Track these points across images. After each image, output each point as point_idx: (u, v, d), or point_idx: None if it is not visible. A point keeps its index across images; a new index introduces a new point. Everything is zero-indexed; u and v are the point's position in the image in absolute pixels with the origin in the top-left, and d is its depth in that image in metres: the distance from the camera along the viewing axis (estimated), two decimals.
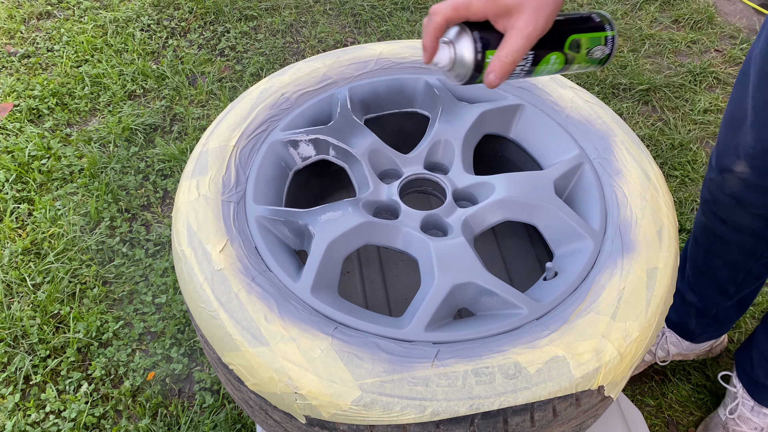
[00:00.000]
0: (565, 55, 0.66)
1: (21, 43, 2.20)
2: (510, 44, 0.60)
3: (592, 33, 0.67)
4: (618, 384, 0.66)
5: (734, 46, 2.25)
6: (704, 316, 1.29)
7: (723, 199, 1.05)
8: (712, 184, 1.07)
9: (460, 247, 0.73)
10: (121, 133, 1.88)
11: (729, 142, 0.99)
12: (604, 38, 0.68)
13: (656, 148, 1.91)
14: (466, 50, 0.62)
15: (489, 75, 0.62)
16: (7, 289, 1.52)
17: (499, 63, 0.61)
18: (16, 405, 1.34)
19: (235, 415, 1.32)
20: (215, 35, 2.26)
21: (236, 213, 0.76)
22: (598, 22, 0.68)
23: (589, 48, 0.67)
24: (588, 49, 0.67)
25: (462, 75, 0.64)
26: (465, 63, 0.63)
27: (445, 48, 0.63)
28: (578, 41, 0.66)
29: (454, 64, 0.64)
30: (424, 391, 0.61)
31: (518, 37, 0.60)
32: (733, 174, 0.99)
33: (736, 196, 1.02)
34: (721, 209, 1.07)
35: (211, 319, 0.67)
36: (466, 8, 0.61)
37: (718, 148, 1.04)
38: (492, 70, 0.61)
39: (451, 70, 0.64)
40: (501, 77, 0.61)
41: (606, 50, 0.69)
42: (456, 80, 0.66)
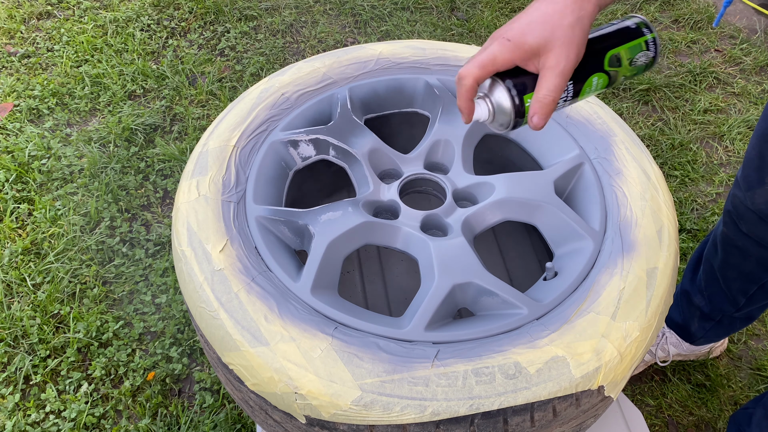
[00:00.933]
0: (608, 73, 0.64)
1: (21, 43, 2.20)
2: (546, 85, 0.59)
3: (629, 43, 0.65)
4: (618, 384, 0.66)
5: (734, 46, 2.25)
6: (708, 321, 1.28)
7: (747, 214, 1.04)
8: (736, 199, 1.06)
9: (460, 247, 0.73)
10: (121, 133, 1.88)
11: (763, 156, 0.96)
12: (644, 43, 0.65)
13: (656, 148, 1.91)
14: (503, 101, 0.62)
15: (533, 119, 0.61)
16: (7, 289, 1.52)
17: (539, 105, 0.60)
18: (16, 405, 1.34)
19: (235, 415, 1.32)
20: (215, 35, 2.26)
21: (236, 213, 0.76)
22: (634, 30, 0.65)
23: (630, 58, 0.65)
24: (630, 60, 0.65)
25: (505, 123, 0.63)
26: (505, 111, 0.62)
27: (482, 104, 0.63)
28: (618, 56, 0.64)
29: (494, 115, 0.63)
30: (424, 391, 0.61)
31: (552, 76, 0.59)
32: (765, 188, 0.97)
33: (761, 213, 1.01)
34: (744, 223, 1.06)
35: (211, 319, 0.67)
36: (493, 63, 0.60)
37: (745, 167, 1.02)
38: (534, 113, 0.61)
39: (494, 121, 0.64)
40: (544, 118, 0.61)
41: (650, 54, 0.66)
42: (500, 129, 0.65)
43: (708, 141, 1.94)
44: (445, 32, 2.27)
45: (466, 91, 0.61)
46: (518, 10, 2.40)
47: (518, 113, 0.62)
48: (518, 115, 0.62)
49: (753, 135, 0.99)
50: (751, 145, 1.00)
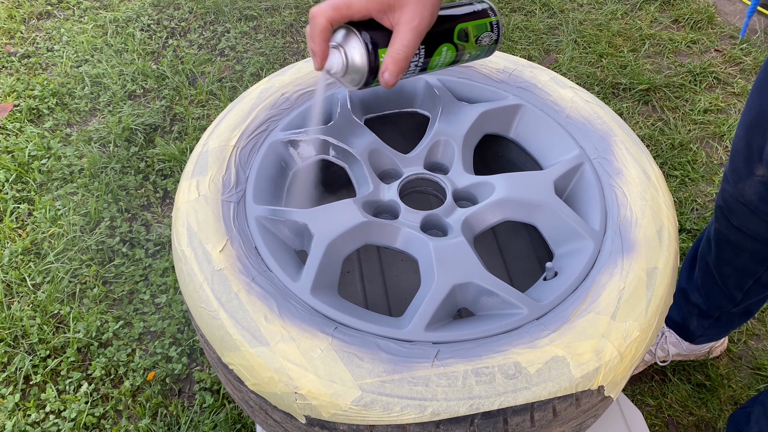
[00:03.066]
0: (456, 46, 0.66)
1: (21, 43, 2.20)
2: (400, 39, 0.59)
3: (477, 20, 0.68)
4: (618, 384, 0.66)
5: (734, 46, 2.25)
6: (706, 318, 1.28)
7: (737, 207, 1.04)
8: (726, 194, 1.06)
9: (460, 247, 0.73)
10: (121, 133, 1.88)
11: (750, 147, 0.97)
12: (489, 24, 0.69)
13: (656, 148, 1.91)
14: (356, 53, 0.60)
15: (384, 75, 0.60)
16: (7, 289, 1.52)
17: (392, 60, 0.59)
18: (16, 405, 1.34)
19: (235, 415, 1.32)
20: (215, 35, 2.26)
21: (236, 213, 0.76)
22: (481, 10, 0.69)
23: (477, 35, 0.68)
24: (476, 37, 0.68)
25: (357, 80, 0.62)
26: (358, 67, 0.61)
27: (335, 53, 0.61)
28: (466, 30, 0.67)
29: (347, 69, 0.62)
30: (424, 391, 0.61)
31: (407, 30, 0.59)
32: (754, 179, 0.98)
33: (751, 205, 1.01)
34: (735, 217, 1.06)
35: (211, 319, 0.67)
36: (348, 7, 0.59)
37: (733, 159, 1.02)
38: (386, 68, 0.60)
39: (345, 75, 0.63)
40: (396, 75, 0.60)
41: (493, 36, 0.70)
42: (352, 86, 0.64)
43: (708, 141, 1.94)
44: None
45: (319, 31, 0.59)
46: (518, 10, 2.40)
47: (372, 69, 0.61)
48: (371, 72, 0.61)
49: (738, 126, 0.99)
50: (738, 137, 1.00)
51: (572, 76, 2.11)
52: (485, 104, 0.89)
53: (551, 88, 0.92)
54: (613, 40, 2.26)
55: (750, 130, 0.96)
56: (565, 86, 0.92)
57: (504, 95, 0.91)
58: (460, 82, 0.92)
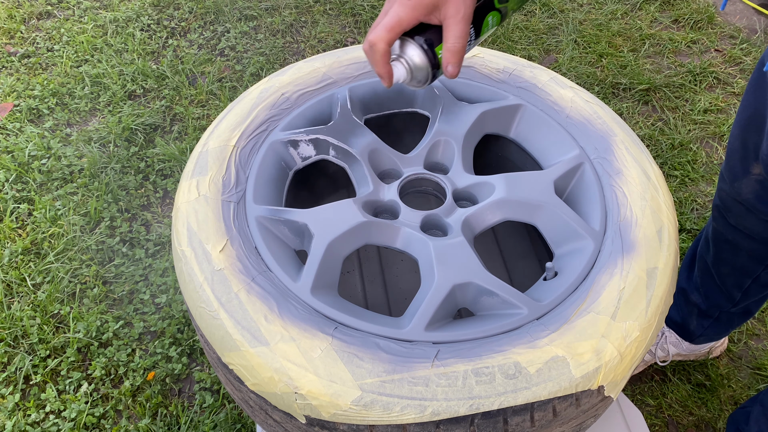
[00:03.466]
0: (499, 10, 0.69)
1: (21, 43, 2.20)
2: (453, 33, 0.63)
3: None
4: (618, 384, 0.66)
5: (734, 46, 2.25)
6: (706, 318, 1.28)
7: (734, 206, 1.04)
8: (723, 193, 1.06)
9: (460, 247, 0.73)
10: (121, 133, 1.88)
11: (746, 145, 0.97)
12: None
13: (656, 148, 1.91)
14: (417, 57, 0.65)
15: (447, 68, 0.65)
16: (7, 289, 1.52)
17: (451, 54, 0.64)
18: (16, 405, 1.34)
19: (235, 415, 1.32)
20: (215, 35, 2.26)
21: (236, 213, 0.76)
22: None
23: None
24: None
25: (423, 78, 0.67)
26: (421, 68, 0.66)
27: (398, 65, 0.66)
28: None
29: (412, 73, 0.67)
30: (424, 391, 0.61)
31: (455, 23, 0.63)
32: (750, 177, 0.98)
33: (747, 203, 1.01)
34: (732, 216, 1.06)
35: (211, 319, 0.67)
36: (399, 24, 0.63)
37: (729, 158, 1.02)
38: (448, 62, 0.64)
39: (413, 79, 0.67)
40: (458, 65, 0.65)
41: None
42: (420, 85, 0.68)
43: (708, 141, 1.94)
44: None
45: (381, 56, 0.64)
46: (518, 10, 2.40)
47: (434, 65, 0.66)
48: (434, 67, 0.66)
49: (734, 126, 1.00)
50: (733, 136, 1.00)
51: (572, 76, 2.11)
52: (485, 104, 0.89)
53: (551, 88, 0.92)
54: (613, 40, 2.26)
55: (745, 129, 0.96)
56: (565, 86, 0.92)
57: (504, 95, 0.91)
58: (460, 82, 0.92)
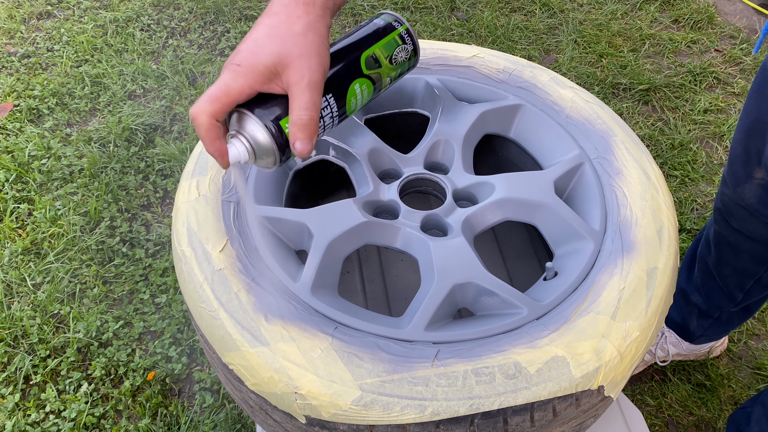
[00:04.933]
0: (369, 77, 0.60)
1: (21, 43, 2.20)
2: (297, 104, 0.52)
3: (382, 40, 0.61)
4: (618, 384, 0.66)
5: (734, 46, 2.25)
6: (706, 318, 1.28)
7: (736, 210, 1.04)
8: (725, 197, 1.06)
9: (460, 247, 0.73)
10: (121, 133, 1.88)
11: (749, 150, 0.97)
12: (398, 37, 0.62)
13: (656, 148, 1.91)
14: (257, 134, 0.53)
15: (295, 145, 0.53)
16: (7, 289, 1.52)
17: (298, 128, 0.53)
18: (16, 405, 1.34)
19: (235, 415, 1.32)
20: (215, 35, 2.26)
21: (236, 213, 0.76)
22: (384, 27, 0.62)
23: (389, 55, 0.62)
24: (389, 57, 0.62)
25: (270, 160, 0.56)
26: (264, 147, 0.54)
27: (236, 143, 0.54)
28: (374, 55, 0.60)
29: (254, 153, 0.55)
30: (424, 391, 0.61)
31: (300, 91, 0.52)
32: (753, 182, 0.98)
33: (750, 207, 1.01)
34: (734, 219, 1.06)
35: (211, 319, 0.67)
36: (227, 94, 0.52)
37: (731, 163, 1.02)
38: (295, 138, 0.53)
39: (258, 159, 0.56)
40: (309, 140, 0.53)
41: (408, 47, 0.63)
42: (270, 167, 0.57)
43: (708, 141, 1.94)
44: (445, 32, 2.27)
45: (205, 131, 0.52)
46: (518, 10, 2.40)
47: (280, 144, 0.54)
48: (281, 147, 0.54)
49: (736, 131, 0.99)
50: (736, 141, 1.00)
51: (572, 76, 2.11)
52: (485, 104, 0.89)
53: (551, 88, 0.92)
54: (613, 40, 2.26)
55: (748, 134, 0.96)
56: (565, 86, 0.92)
57: (504, 95, 0.91)
58: (460, 82, 0.92)
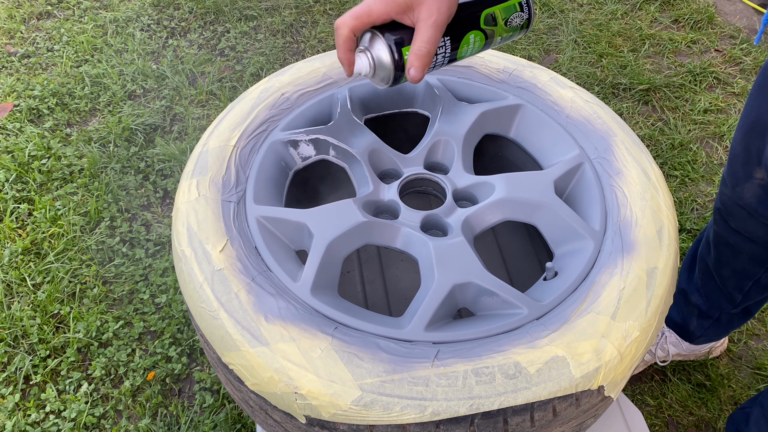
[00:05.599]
0: (484, 32, 0.67)
1: (21, 43, 2.20)
2: (421, 36, 0.61)
3: (504, 3, 0.68)
4: (618, 384, 0.66)
5: (734, 46, 2.25)
6: (706, 319, 1.28)
7: (735, 210, 1.04)
8: (724, 197, 1.06)
9: (460, 247, 0.73)
10: (121, 133, 1.88)
11: (749, 150, 0.97)
12: (518, 4, 0.69)
13: (656, 148, 1.91)
14: (382, 53, 0.63)
15: (410, 71, 0.63)
16: (7, 289, 1.52)
17: (415, 57, 0.62)
18: (16, 405, 1.34)
19: (235, 415, 1.32)
20: (215, 35, 2.26)
21: (236, 213, 0.76)
22: None
23: (506, 18, 0.68)
24: (505, 20, 0.68)
25: (386, 77, 0.65)
26: (384, 65, 0.64)
27: (362, 56, 0.65)
28: (492, 14, 0.67)
29: (375, 69, 0.65)
30: (424, 391, 0.61)
31: (426, 27, 0.61)
32: (753, 182, 0.98)
33: (749, 207, 1.01)
34: (733, 220, 1.06)
35: (211, 319, 0.67)
36: (368, 14, 0.62)
37: (731, 163, 1.02)
38: (411, 65, 0.63)
39: (375, 75, 0.66)
40: (422, 69, 0.63)
41: (524, 15, 0.69)
42: (382, 84, 0.67)
43: (708, 141, 1.94)
44: None
45: (343, 41, 0.63)
46: None
47: (397, 66, 0.63)
48: (398, 69, 0.64)
49: (737, 131, 0.99)
50: (736, 141, 1.00)
51: (572, 76, 2.11)
52: (485, 104, 0.89)
53: (551, 88, 0.92)
54: (613, 40, 2.26)
55: (748, 134, 0.96)
56: (565, 86, 0.92)
57: (504, 95, 0.91)
58: (460, 82, 0.92)
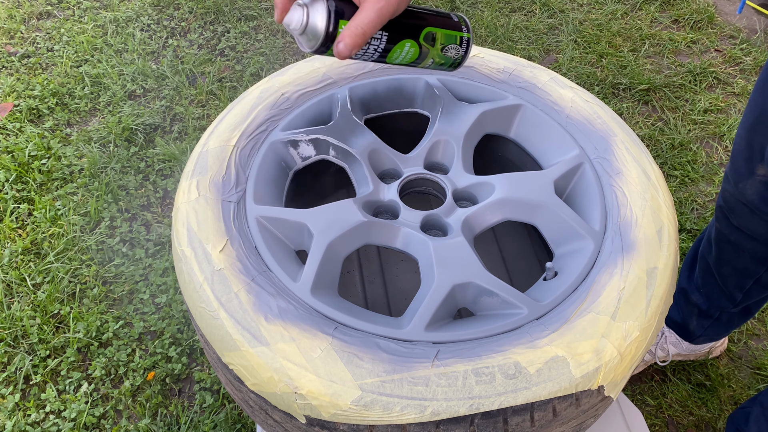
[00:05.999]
0: (420, 46, 0.66)
1: (21, 43, 2.20)
2: (362, 16, 0.60)
3: (448, 30, 0.67)
4: (618, 384, 0.66)
5: (734, 46, 2.25)
6: (707, 318, 1.28)
7: (738, 207, 1.04)
8: (727, 194, 1.06)
9: (460, 247, 0.73)
10: (121, 133, 1.88)
11: (752, 146, 0.97)
12: (459, 38, 0.68)
13: (656, 148, 1.91)
14: (318, 17, 0.61)
15: (338, 44, 0.62)
16: (7, 289, 1.52)
17: (349, 33, 0.61)
18: (16, 405, 1.34)
19: (235, 415, 1.32)
20: (215, 35, 2.26)
21: (236, 213, 0.76)
22: (455, 22, 0.68)
23: (444, 44, 0.67)
24: (443, 46, 0.67)
25: (313, 43, 0.63)
26: (317, 30, 0.62)
27: (298, 10, 0.62)
28: (434, 34, 0.66)
29: (305, 28, 0.62)
30: (424, 391, 0.61)
31: (370, 9, 0.60)
32: (755, 178, 0.98)
33: (751, 205, 1.01)
34: (735, 217, 1.06)
35: (211, 319, 0.67)
36: None
37: (734, 159, 1.02)
38: (342, 39, 0.61)
39: (303, 34, 0.63)
40: (351, 48, 0.61)
41: (461, 51, 0.69)
42: (307, 47, 0.64)
43: (708, 141, 1.94)
44: None
45: None
46: (518, 10, 2.40)
47: (329, 36, 0.62)
48: (328, 39, 0.62)
49: (740, 127, 0.99)
50: (739, 137, 1.00)
51: (572, 76, 2.11)
52: (485, 104, 0.89)
53: (551, 88, 0.92)
54: (613, 40, 2.26)
55: (751, 130, 0.96)
56: (565, 86, 0.92)
57: (504, 95, 0.91)
58: (460, 82, 0.92)
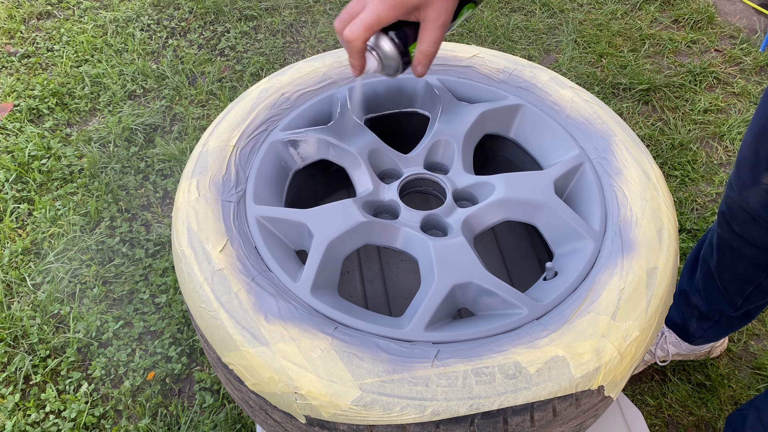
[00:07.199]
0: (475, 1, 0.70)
1: (21, 43, 2.20)
2: (428, 37, 0.67)
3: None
4: (618, 384, 0.66)
5: (734, 46, 2.25)
6: (706, 321, 1.28)
7: (740, 214, 1.04)
8: (730, 200, 1.06)
9: (460, 247, 0.73)
10: (121, 133, 1.88)
11: (758, 155, 0.96)
12: None
13: (656, 148, 1.91)
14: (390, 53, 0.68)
15: (417, 68, 0.69)
16: (7, 289, 1.52)
17: (423, 56, 0.68)
18: (16, 405, 1.34)
19: (235, 415, 1.32)
20: (215, 35, 2.26)
21: (236, 213, 0.76)
22: None
23: None
24: None
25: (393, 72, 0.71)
26: (392, 61, 0.69)
27: (370, 57, 0.69)
28: None
29: (383, 64, 0.69)
30: (424, 391, 0.61)
31: (434, 28, 0.66)
32: (760, 187, 0.98)
33: (754, 212, 1.01)
34: (737, 224, 1.06)
35: (211, 319, 0.67)
36: (378, 23, 0.65)
37: (739, 167, 1.01)
38: (418, 62, 0.68)
39: (383, 70, 0.71)
40: (427, 66, 0.69)
41: None
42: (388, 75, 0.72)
43: (708, 141, 1.94)
44: None
45: (357, 52, 0.66)
46: (518, 10, 2.40)
47: (405, 63, 0.69)
48: (405, 65, 0.70)
49: (747, 134, 0.99)
50: (746, 144, 0.99)
51: (572, 76, 2.11)
52: (485, 104, 0.89)
53: (551, 88, 0.92)
54: (613, 40, 2.26)
55: (758, 138, 0.95)
56: (565, 86, 0.92)
57: (504, 95, 0.91)
58: (460, 82, 0.92)
